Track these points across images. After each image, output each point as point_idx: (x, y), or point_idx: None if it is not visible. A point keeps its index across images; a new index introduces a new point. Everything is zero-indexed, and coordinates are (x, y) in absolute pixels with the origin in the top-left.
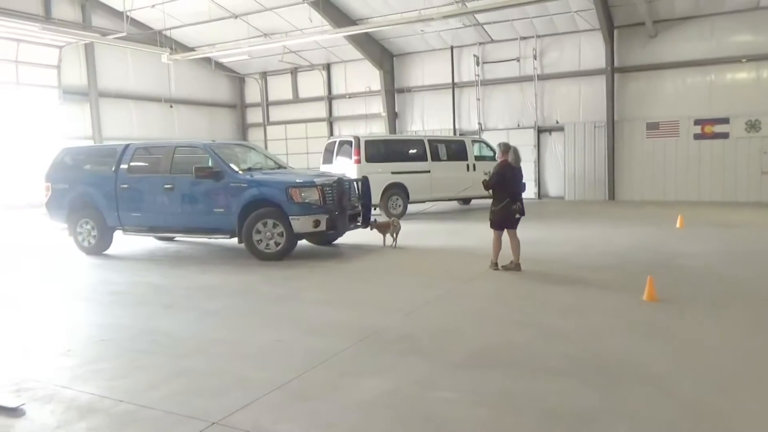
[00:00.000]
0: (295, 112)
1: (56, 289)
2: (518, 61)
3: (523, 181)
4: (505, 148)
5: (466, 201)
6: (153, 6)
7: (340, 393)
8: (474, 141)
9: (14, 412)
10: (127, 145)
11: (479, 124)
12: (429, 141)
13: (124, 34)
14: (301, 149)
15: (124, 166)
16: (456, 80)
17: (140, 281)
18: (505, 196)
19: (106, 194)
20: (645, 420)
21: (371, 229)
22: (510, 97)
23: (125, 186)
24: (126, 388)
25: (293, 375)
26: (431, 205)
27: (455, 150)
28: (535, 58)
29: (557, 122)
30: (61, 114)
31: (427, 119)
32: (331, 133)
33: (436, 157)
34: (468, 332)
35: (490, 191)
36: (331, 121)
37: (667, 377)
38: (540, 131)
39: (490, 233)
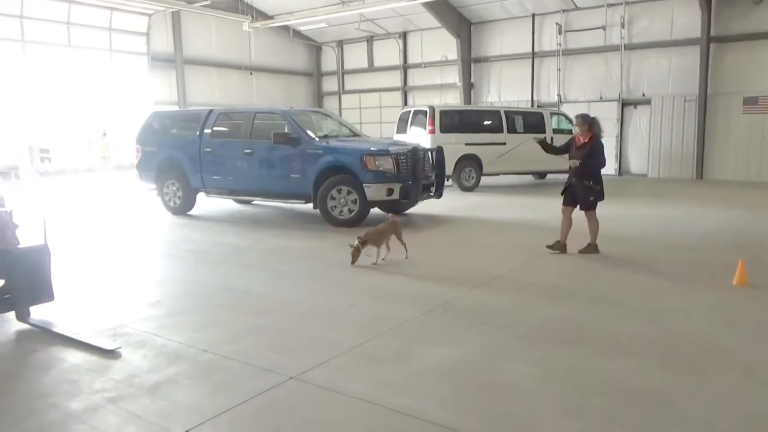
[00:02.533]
0: (369, 81)
1: (145, 246)
2: (604, 29)
3: None
4: (590, 120)
5: (541, 175)
6: None
7: (409, 359)
8: (553, 113)
9: (111, 354)
10: (211, 110)
11: (559, 95)
12: (505, 112)
13: (208, 2)
14: (375, 118)
15: (207, 131)
16: (536, 50)
17: (219, 241)
18: (600, 172)
19: (191, 157)
20: (728, 406)
21: (363, 246)
22: (593, 68)
23: (208, 150)
24: (208, 339)
25: (364, 339)
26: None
27: (532, 122)
28: (622, 26)
29: (643, 95)
30: (150, 80)
31: (504, 90)
32: (405, 103)
33: (512, 129)
34: (540, 307)
35: (578, 163)
36: (405, 90)
37: (756, 365)
38: (624, 104)
39: (559, 210)
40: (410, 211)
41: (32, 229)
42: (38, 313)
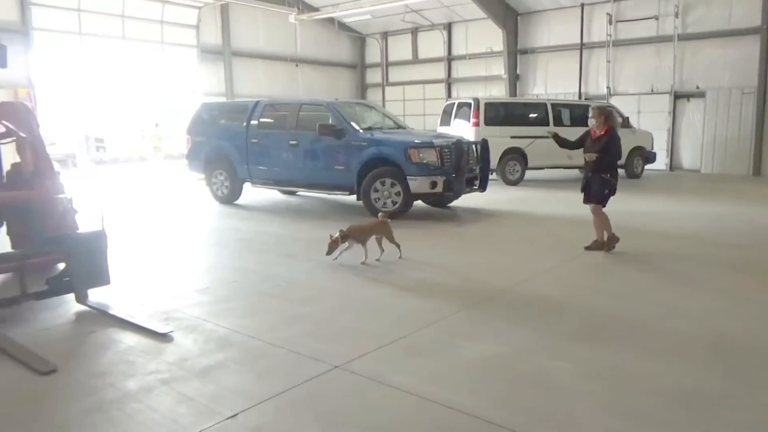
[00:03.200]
0: (413, 73)
1: (193, 234)
2: (656, 19)
3: None
4: (607, 112)
5: None
6: None
7: (451, 352)
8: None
9: (164, 337)
10: (257, 102)
11: (608, 88)
12: (552, 105)
13: None
14: (418, 111)
15: (254, 122)
16: (585, 41)
17: (264, 231)
18: (616, 166)
19: (238, 148)
20: None
21: (343, 240)
22: (644, 60)
23: (255, 141)
24: (254, 326)
25: (406, 332)
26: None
27: (580, 115)
28: (676, 16)
29: (697, 87)
30: (199, 72)
31: (550, 82)
32: (449, 95)
33: (558, 122)
34: (581, 305)
35: (594, 157)
36: (449, 82)
37: None
38: (677, 97)
39: (612, 204)
40: (454, 204)
41: (90, 215)
42: (95, 295)
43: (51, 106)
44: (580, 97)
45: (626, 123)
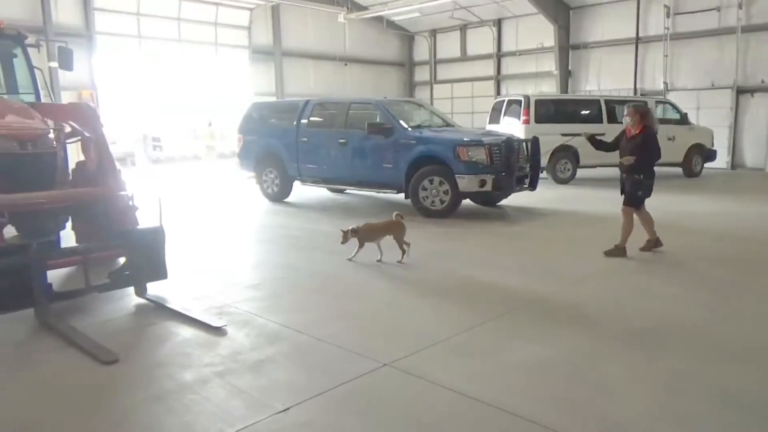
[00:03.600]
0: (462, 70)
1: (244, 230)
2: (718, 10)
3: None
4: (642, 110)
5: None
6: None
7: (499, 354)
8: (658, 102)
9: (218, 331)
10: (307, 101)
11: (665, 83)
12: (606, 101)
13: None
14: (467, 108)
15: (304, 121)
16: (641, 35)
17: (313, 228)
18: (652, 166)
19: (288, 146)
20: None
21: (352, 236)
22: (704, 53)
23: (304, 139)
24: (303, 322)
25: (453, 332)
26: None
27: None
28: (740, 7)
29: (762, 81)
30: (250, 72)
31: (604, 78)
32: (498, 93)
33: (612, 119)
34: (636, 307)
35: (632, 160)
36: (498, 79)
37: None
38: (739, 92)
39: (669, 204)
40: (503, 202)
41: (149, 211)
42: (153, 289)
43: (111, 107)
44: (635, 93)
45: (685, 119)
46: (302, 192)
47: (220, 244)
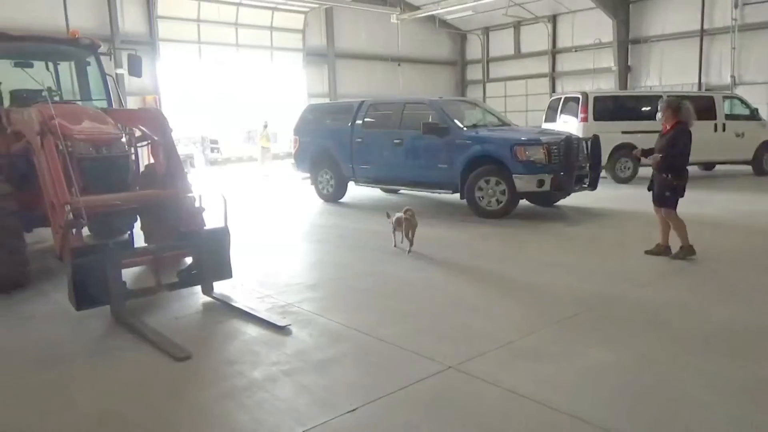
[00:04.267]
0: (515, 68)
1: (301, 230)
2: None
3: None
4: (676, 104)
5: (708, 166)
6: None
7: (567, 358)
8: (725, 97)
9: (283, 330)
10: (362, 102)
11: (732, 77)
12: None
13: None
14: (520, 107)
15: (359, 122)
16: (705, 27)
17: (368, 228)
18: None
19: (343, 147)
20: None
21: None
22: None
23: (359, 140)
24: (363, 322)
25: (519, 334)
26: None
27: (702, 108)
28: None
29: None
30: (304, 74)
31: (665, 73)
32: (554, 90)
33: None
34: (714, 313)
35: (659, 157)
36: (553, 76)
37: None
38: None
39: (736, 203)
40: (561, 202)
41: (212, 212)
42: (219, 287)
43: (172, 110)
44: (699, 88)
45: (755, 115)
46: (357, 192)
47: (278, 244)
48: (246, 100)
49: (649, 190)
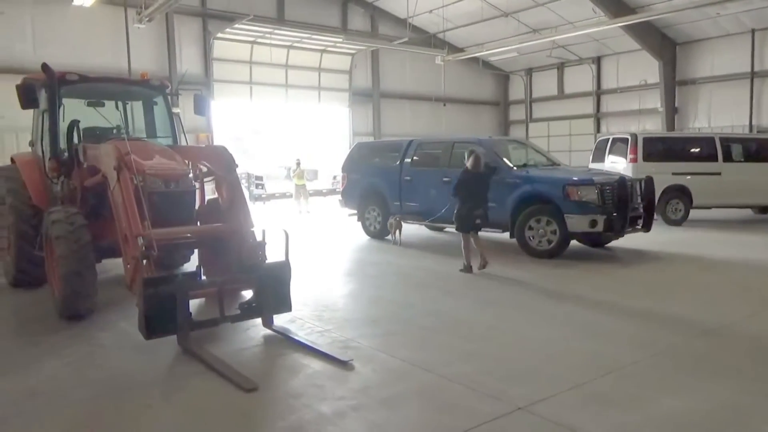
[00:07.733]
0: (558, 108)
1: (354, 267)
2: None
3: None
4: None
5: (763, 209)
6: (431, 11)
7: (639, 404)
8: None
9: (345, 365)
10: (411, 141)
11: None
12: (721, 139)
13: (406, 39)
14: (564, 147)
15: (408, 160)
16: (756, 69)
17: (419, 266)
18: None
19: (391, 184)
20: None
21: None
22: None
23: (408, 178)
24: (426, 360)
25: (587, 377)
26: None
27: (756, 150)
28: None
29: None
30: (350, 113)
31: (715, 115)
32: (598, 130)
33: (728, 158)
34: None
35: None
36: (598, 117)
37: None
38: None
39: None
40: (612, 244)
41: (270, 247)
42: (278, 320)
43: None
44: (750, 130)
45: None
46: (404, 229)
47: (333, 279)
48: (292, 137)
49: None
